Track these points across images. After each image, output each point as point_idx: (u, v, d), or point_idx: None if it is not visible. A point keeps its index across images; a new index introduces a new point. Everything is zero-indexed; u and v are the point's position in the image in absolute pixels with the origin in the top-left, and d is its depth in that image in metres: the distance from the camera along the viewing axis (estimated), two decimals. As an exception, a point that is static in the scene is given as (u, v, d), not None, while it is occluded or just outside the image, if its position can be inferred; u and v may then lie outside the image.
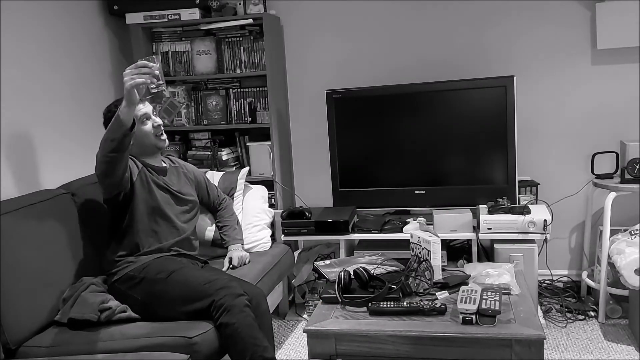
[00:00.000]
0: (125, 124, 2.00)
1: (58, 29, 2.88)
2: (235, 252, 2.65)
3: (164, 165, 2.52)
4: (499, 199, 2.92)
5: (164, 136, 2.45)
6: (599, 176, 3.00)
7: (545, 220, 2.78)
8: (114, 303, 2.14)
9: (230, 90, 3.39)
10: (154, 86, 2.05)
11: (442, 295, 2.08)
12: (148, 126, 2.38)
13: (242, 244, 2.74)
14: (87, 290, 2.19)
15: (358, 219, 3.23)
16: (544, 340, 1.79)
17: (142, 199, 2.32)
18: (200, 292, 2.07)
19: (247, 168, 3.12)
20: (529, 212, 2.82)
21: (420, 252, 2.21)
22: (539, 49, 3.18)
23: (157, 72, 2.04)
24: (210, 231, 2.79)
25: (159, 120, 2.42)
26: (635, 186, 2.79)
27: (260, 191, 3.13)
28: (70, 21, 2.97)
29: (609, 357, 2.56)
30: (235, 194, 2.97)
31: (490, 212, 2.87)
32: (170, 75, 3.40)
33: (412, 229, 2.81)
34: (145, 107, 2.39)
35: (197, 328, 1.99)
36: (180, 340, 1.94)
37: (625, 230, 2.83)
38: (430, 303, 1.96)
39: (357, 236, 3.07)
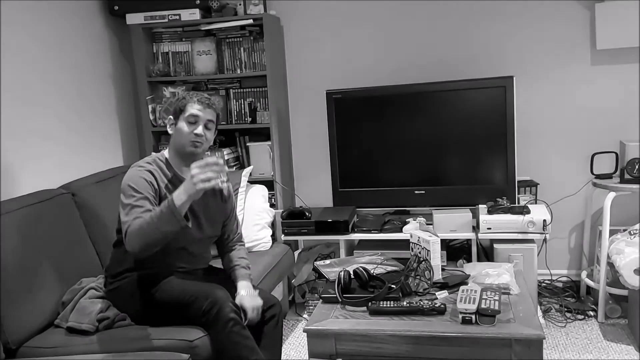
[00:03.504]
0: (182, 216, 1.86)
1: (58, 29, 2.89)
2: (248, 302, 2.10)
3: None
4: (498, 199, 2.92)
5: (200, 146, 2.10)
6: (598, 176, 3.00)
7: (544, 220, 2.78)
8: (112, 312, 2.13)
9: (231, 90, 3.39)
10: (219, 182, 1.89)
11: (441, 295, 2.08)
12: (189, 128, 2.09)
13: (252, 283, 2.26)
14: (86, 296, 2.18)
15: (358, 219, 3.23)
16: (544, 340, 1.78)
17: None
18: (188, 304, 2.01)
19: (251, 167, 3.13)
20: (528, 212, 2.83)
21: (420, 252, 2.22)
22: (538, 49, 3.18)
23: (226, 168, 1.95)
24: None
25: (200, 131, 2.08)
26: (635, 186, 2.79)
27: (261, 190, 3.13)
28: (70, 21, 2.98)
29: (609, 357, 2.56)
30: (240, 189, 2.97)
31: (489, 212, 2.87)
32: (171, 75, 3.41)
33: (412, 229, 2.81)
34: (202, 113, 2.10)
35: (197, 331, 1.99)
36: (181, 343, 1.94)
37: (624, 230, 2.83)
38: (430, 303, 1.96)
39: (357, 236, 3.08)
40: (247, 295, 2.12)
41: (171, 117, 2.15)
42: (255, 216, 3.00)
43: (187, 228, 1.89)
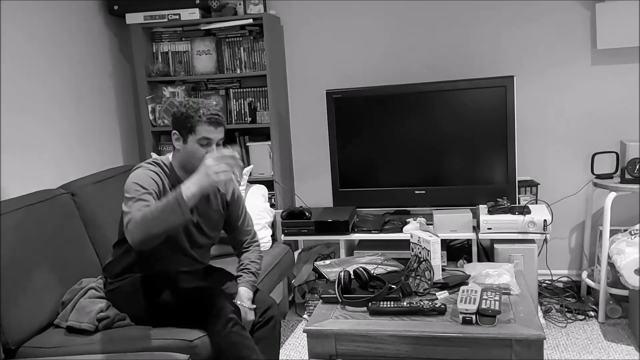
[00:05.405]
0: (188, 209, 1.77)
1: (58, 29, 2.88)
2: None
3: None
4: (499, 199, 2.92)
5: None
6: (599, 176, 3.00)
7: (545, 220, 2.78)
8: (112, 312, 2.12)
9: (230, 90, 3.39)
10: (232, 176, 1.86)
11: (442, 295, 2.08)
12: (202, 150, 2.02)
13: (252, 289, 2.22)
14: (86, 296, 2.18)
15: (358, 219, 3.23)
16: (544, 340, 1.78)
17: None
18: (187, 304, 2.02)
19: (251, 167, 3.13)
20: (529, 212, 2.82)
21: (420, 252, 2.21)
22: (539, 49, 3.18)
23: (241, 163, 1.88)
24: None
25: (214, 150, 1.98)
26: (635, 186, 2.79)
27: (262, 190, 3.14)
28: (70, 21, 2.97)
29: (609, 357, 2.56)
30: (240, 188, 2.97)
31: (490, 212, 2.87)
32: (170, 75, 3.40)
33: (412, 229, 2.81)
34: (214, 134, 2.02)
35: (197, 331, 1.98)
36: (181, 343, 1.94)
37: (625, 230, 2.83)
38: (430, 303, 1.96)
39: (357, 236, 3.07)
40: (242, 305, 2.10)
41: (176, 132, 2.06)
42: (255, 216, 2.99)
43: (192, 223, 1.81)
